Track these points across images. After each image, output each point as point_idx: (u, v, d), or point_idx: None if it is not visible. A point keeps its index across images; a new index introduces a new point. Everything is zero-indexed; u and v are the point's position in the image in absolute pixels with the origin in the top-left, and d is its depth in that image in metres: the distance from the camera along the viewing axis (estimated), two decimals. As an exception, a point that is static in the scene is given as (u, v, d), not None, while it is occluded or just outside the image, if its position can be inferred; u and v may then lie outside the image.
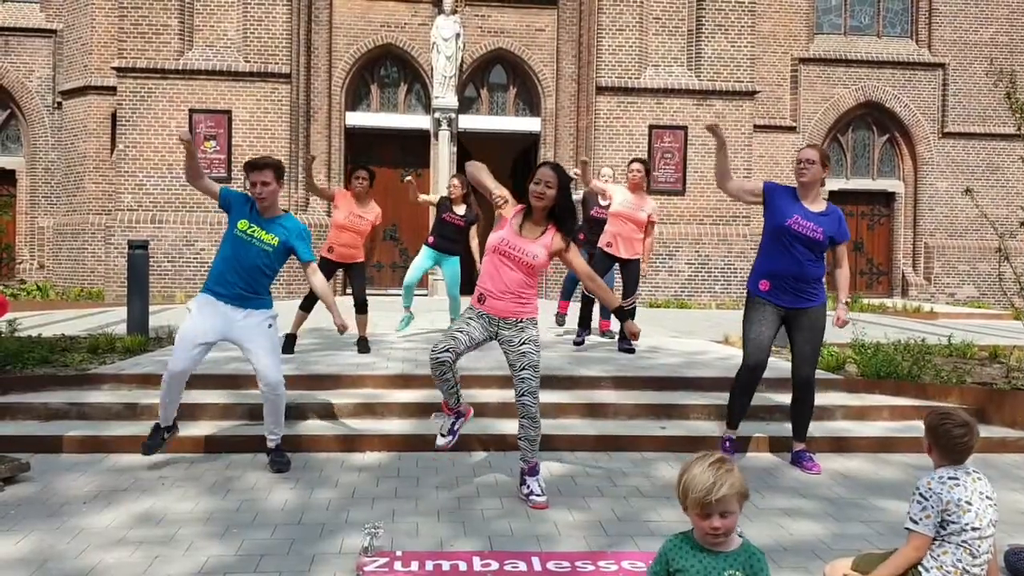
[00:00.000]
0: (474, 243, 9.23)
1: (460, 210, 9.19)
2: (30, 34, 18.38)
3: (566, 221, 4.86)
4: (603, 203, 8.97)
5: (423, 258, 9.34)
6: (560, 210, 4.82)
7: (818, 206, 5.55)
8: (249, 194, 5.44)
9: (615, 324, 9.31)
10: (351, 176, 8.55)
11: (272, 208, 5.45)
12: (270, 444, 5.50)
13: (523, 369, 4.79)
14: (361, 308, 8.46)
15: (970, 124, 20.05)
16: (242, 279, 5.33)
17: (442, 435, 4.99)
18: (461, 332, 4.77)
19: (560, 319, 9.59)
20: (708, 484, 2.54)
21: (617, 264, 8.66)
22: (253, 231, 5.36)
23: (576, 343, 8.84)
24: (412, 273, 9.36)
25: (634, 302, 8.75)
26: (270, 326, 5.43)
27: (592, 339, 9.32)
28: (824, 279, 5.67)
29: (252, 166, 5.42)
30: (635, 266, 8.68)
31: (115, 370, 7.13)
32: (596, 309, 9.03)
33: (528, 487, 4.86)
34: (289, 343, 8.02)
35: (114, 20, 16.80)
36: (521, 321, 4.81)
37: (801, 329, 5.60)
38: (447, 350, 4.72)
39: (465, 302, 9.13)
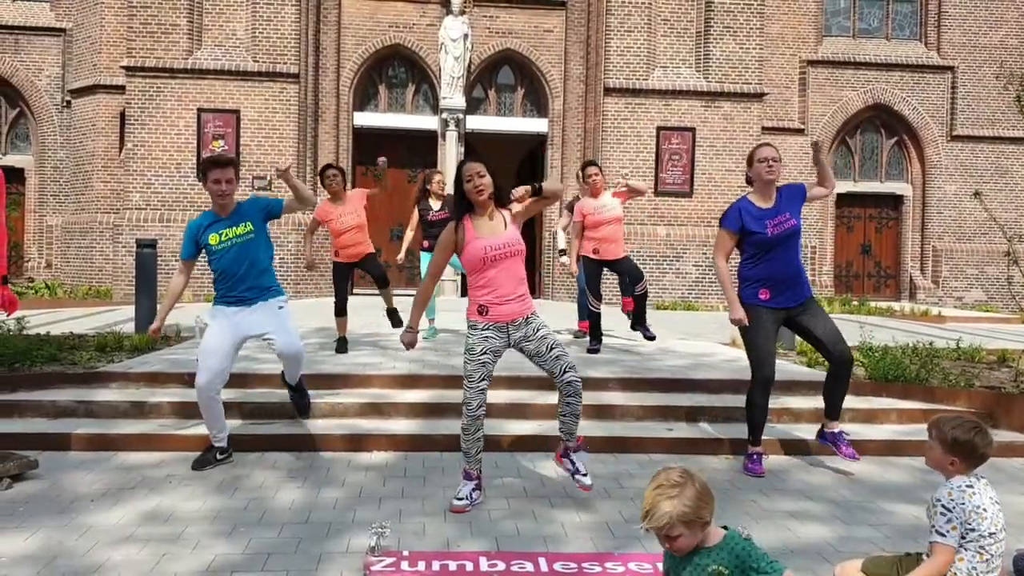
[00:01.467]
0: None
1: (437, 204, 9.33)
2: (40, 33, 18.43)
3: (502, 194, 4.78)
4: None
5: (426, 264, 9.36)
6: (499, 189, 4.75)
7: (771, 199, 5.54)
8: (209, 194, 5.48)
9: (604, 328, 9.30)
10: (322, 179, 8.49)
11: (231, 204, 5.51)
12: (290, 383, 5.83)
13: (552, 349, 4.75)
14: (382, 283, 8.66)
15: (979, 127, 19.98)
16: (244, 283, 5.44)
17: (458, 499, 4.72)
18: (485, 380, 4.73)
19: (579, 334, 9.69)
20: (644, 510, 2.59)
21: (608, 266, 8.69)
22: (227, 234, 5.43)
23: (591, 350, 8.74)
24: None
25: (645, 287, 8.73)
26: (281, 308, 5.54)
27: (613, 342, 9.25)
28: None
29: (216, 163, 5.43)
30: (627, 261, 8.71)
31: (123, 368, 7.15)
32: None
33: (574, 464, 4.86)
34: (342, 345, 8.41)
35: (123, 19, 16.85)
36: (527, 318, 4.80)
37: (811, 317, 5.55)
38: (482, 405, 4.73)
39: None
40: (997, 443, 6.21)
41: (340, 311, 8.48)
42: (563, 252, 9.67)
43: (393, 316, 8.66)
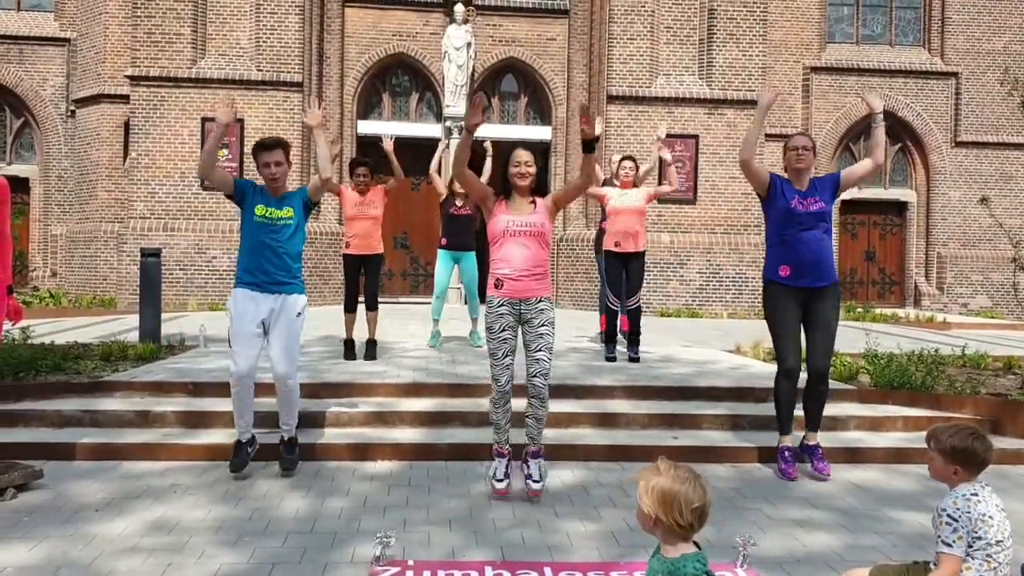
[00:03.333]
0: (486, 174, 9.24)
1: (460, 200, 9.24)
2: (44, 43, 18.48)
3: (542, 186, 5.01)
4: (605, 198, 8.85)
5: (442, 262, 9.37)
6: (541, 183, 4.96)
7: (804, 185, 5.67)
8: (260, 180, 5.49)
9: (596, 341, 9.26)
10: (351, 174, 8.50)
11: (283, 188, 5.53)
12: (284, 435, 5.56)
13: (539, 350, 4.98)
14: (371, 303, 8.52)
15: (983, 133, 19.95)
16: (272, 264, 5.40)
17: (497, 480, 5.01)
18: (509, 356, 4.98)
19: (603, 336, 9.62)
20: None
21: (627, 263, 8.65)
22: (271, 213, 5.42)
23: (608, 358, 8.64)
24: (440, 281, 9.39)
25: (638, 302, 8.69)
26: (299, 314, 5.48)
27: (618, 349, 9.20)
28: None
29: (263, 147, 5.46)
30: (639, 262, 8.65)
31: (128, 377, 7.15)
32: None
33: (529, 468, 5.01)
34: (349, 350, 8.41)
35: (127, 29, 16.90)
36: (541, 300, 5.00)
37: (819, 316, 5.59)
38: (510, 380, 4.98)
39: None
40: (1003, 450, 6.23)
41: (350, 306, 8.44)
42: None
43: (370, 347, 8.46)
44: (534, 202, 5.09)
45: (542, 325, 4.99)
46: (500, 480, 4.99)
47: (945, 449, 3.25)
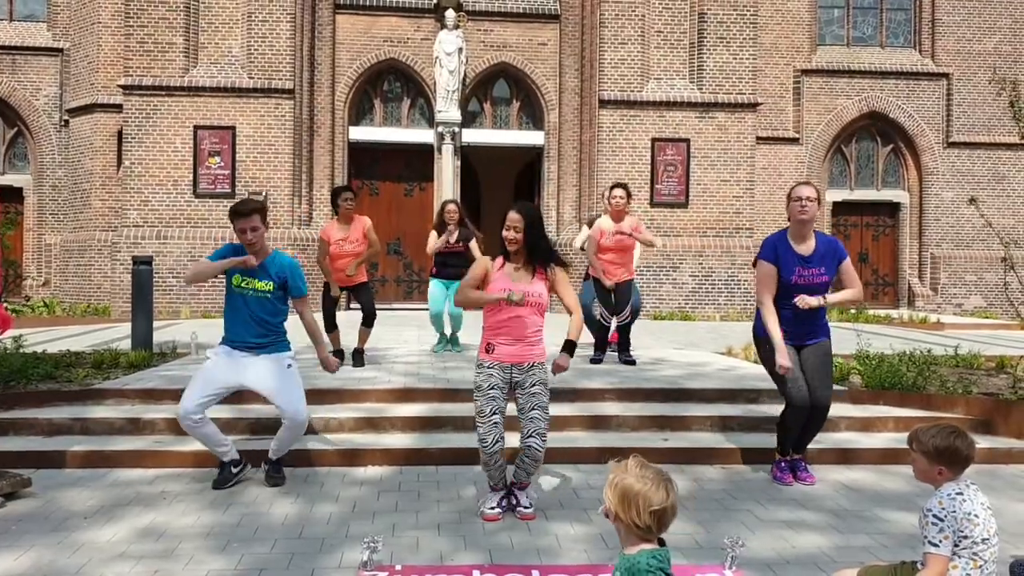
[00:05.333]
0: (476, 254, 9.22)
1: (454, 237, 9.19)
2: (37, 53, 18.50)
3: (541, 254, 4.89)
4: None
5: (436, 288, 9.32)
6: (533, 247, 4.85)
7: (810, 245, 5.49)
8: (237, 241, 5.39)
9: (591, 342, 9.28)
10: (335, 199, 8.47)
11: (262, 251, 5.41)
12: (272, 456, 5.50)
13: (532, 410, 4.83)
14: (368, 320, 8.51)
15: (975, 134, 20.01)
16: (251, 328, 5.37)
17: (490, 509, 4.80)
18: (496, 414, 4.78)
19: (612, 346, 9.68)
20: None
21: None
22: (247, 283, 5.35)
23: (594, 360, 8.75)
24: (435, 305, 9.34)
25: (627, 318, 8.72)
26: (289, 366, 5.43)
27: (609, 353, 9.22)
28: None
29: (238, 213, 5.32)
30: (628, 286, 8.71)
31: (119, 385, 7.14)
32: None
33: (516, 498, 4.87)
34: (337, 355, 8.19)
35: (120, 39, 16.91)
36: (532, 365, 4.87)
37: (812, 358, 5.56)
38: (498, 440, 4.74)
39: (467, 318, 9.20)
40: (996, 450, 6.25)
41: (330, 327, 8.44)
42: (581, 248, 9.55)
43: (357, 357, 8.45)
44: (534, 270, 4.88)
45: (533, 386, 4.84)
46: (493, 508, 4.81)
47: (928, 450, 3.25)
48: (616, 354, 8.89)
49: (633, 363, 8.65)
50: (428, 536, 4.43)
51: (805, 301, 5.34)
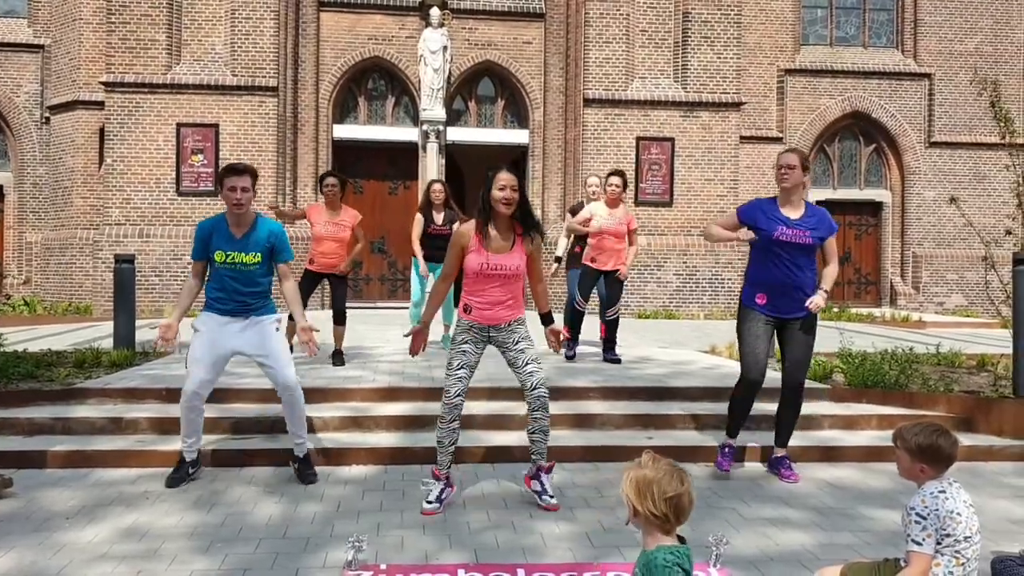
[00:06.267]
0: None
1: (440, 218, 9.15)
2: (18, 49, 18.34)
3: (529, 220, 4.88)
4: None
5: (418, 271, 9.29)
6: (523, 212, 4.84)
7: (798, 211, 5.51)
8: (224, 202, 5.32)
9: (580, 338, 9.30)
10: (320, 185, 8.46)
11: (247, 214, 5.35)
12: (297, 453, 5.49)
13: (527, 364, 4.88)
14: (339, 319, 8.45)
15: (956, 134, 20.16)
16: (239, 296, 5.35)
17: (428, 502, 4.83)
18: (463, 368, 4.85)
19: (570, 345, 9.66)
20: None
21: (602, 276, 8.69)
22: (233, 258, 5.29)
23: (567, 357, 8.78)
24: (416, 290, 9.31)
25: (616, 312, 8.76)
26: (276, 330, 5.44)
27: (582, 349, 9.28)
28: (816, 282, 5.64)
29: (232, 170, 5.27)
30: (619, 280, 8.70)
31: (101, 384, 7.08)
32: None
33: (541, 484, 4.94)
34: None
35: (102, 35, 16.80)
36: (511, 324, 4.93)
37: (794, 336, 5.59)
38: (460, 393, 4.83)
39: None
40: (976, 447, 6.29)
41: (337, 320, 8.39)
42: (559, 259, 9.54)
43: (337, 357, 8.41)
44: (514, 238, 4.85)
45: (518, 342, 4.90)
46: (431, 503, 4.81)
47: (911, 447, 3.28)
48: (602, 352, 8.90)
49: (618, 362, 8.65)
50: (413, 535, 4.42)
51: (815, 304, 5.39)
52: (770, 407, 6.63)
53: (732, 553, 4.09)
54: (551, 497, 4.90)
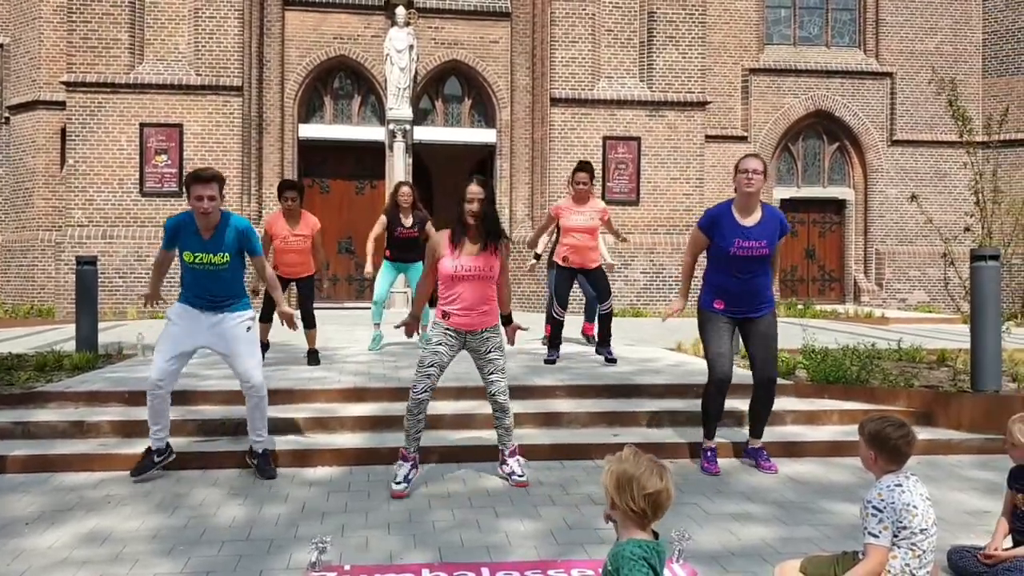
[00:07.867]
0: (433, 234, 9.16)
1: (409, 221, 9.09)
2: (-24, 48, 18.08)
3: (494, 228, 5.21)
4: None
5: (385, 272, 9.26)
6: (488, 220, 5.18)
7: (755, 215, 5.57)
8: (191, 208, 5.33)
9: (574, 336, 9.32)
10: (279, 196, 8.36)
11: (215, 219, 5.35)
12: (256, 448, 5.53)
13: (492, 373, 5.28)
14: (308, 322, 8.41)
15: (918, 132, 20.42)
16: (209, 294, 5.41)
17: (396, 483, 5.14)
18: (434, 366, 5.17)
19: (588, 339, 9.96)
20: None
21: (581, 275, 8.67)
22: (201, 259, 5.32)
23: (548, 361, 8.54)
24: (380, 289, 9.30)
25: (610, 307, 8.72)
26: (248, 328, 5.47)
27: (564, 348, 9.18)
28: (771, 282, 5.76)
29: (198, 179, 5.24)
30: (600, 272, 8.67)
31: (62, 388, 7.00)
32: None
33: (509, 467, 5.37)
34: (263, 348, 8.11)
35: (63, 34, 16.58)
36: (486, 331, 5.24)
37: (756, 334, 5.69)
38: (427, 390, 5.15)
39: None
40: (935, 441, 6.39)
41: (265, 317, 8.30)
42: (537, 257, 9.51)
43: (312, 356, 8.44)
44: (484, 243, 5.18)
45: (489, 352, 5.25)
46: (399, 483, 5.12)
47: (864, 434, 3.43)
48: (590, 349, 8.81)
49: (614, 361, 8.53)
50: (378, 535, 4.42)
51: None
52: (735, 403, 6.71)
53: (694, 548, 4.13)
54: (520, 476, 5.30)
